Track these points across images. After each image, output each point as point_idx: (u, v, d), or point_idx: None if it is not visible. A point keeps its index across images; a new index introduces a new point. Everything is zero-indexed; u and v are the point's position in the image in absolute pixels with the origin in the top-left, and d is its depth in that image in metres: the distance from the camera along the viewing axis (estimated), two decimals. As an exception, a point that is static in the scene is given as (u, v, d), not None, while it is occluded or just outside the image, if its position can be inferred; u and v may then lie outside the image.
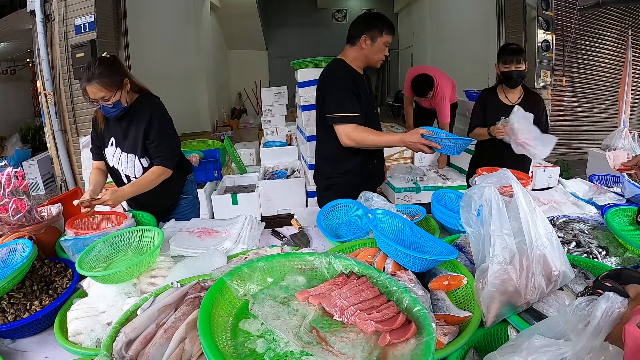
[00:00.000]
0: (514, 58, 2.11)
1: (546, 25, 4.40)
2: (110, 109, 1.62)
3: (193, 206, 2.09)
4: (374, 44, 1.79)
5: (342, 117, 1.75)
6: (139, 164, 1.77)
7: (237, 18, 8.69)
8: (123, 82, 1.64)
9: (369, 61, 1.86)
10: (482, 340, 0.92)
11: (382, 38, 1.78)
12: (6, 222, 1.31)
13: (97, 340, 0.95)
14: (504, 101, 2.24)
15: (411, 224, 1.28)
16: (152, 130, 1.71)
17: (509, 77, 2.16)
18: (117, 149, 1.76)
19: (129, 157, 1.76)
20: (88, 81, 1.56)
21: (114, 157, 1.77)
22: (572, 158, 5.30)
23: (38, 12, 3.45)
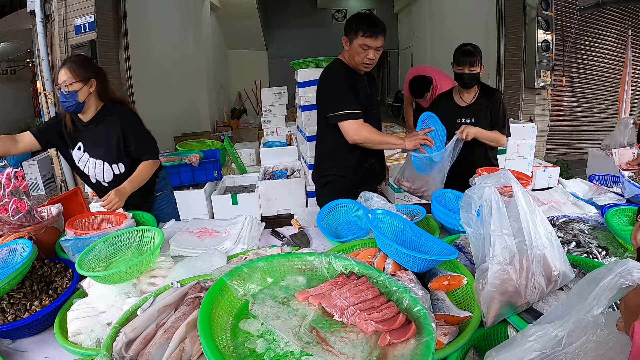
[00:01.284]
0: (467, 60, 2.04)
1: (546, 25, 4.40)
2: (65, 97, 1.63)
3: (169, 202, 2.11)
4: (352, 46, 1.75)
5: (345, 114, 1.75)
6: (109, 170, 1.78)
7: (237, 18, 8.70)
8: (89, 80, 1.67)
9: (353, 64, 1.81)
10: (482, 340, 0.92)
11: (357, 40, 1.71)
12: (6, 222, 1.31)
13: (97, 340, 0.95)
14: (458, 102, 2.19)
15: (411, 224, 1.28)
16: (129, 137, 1.75)
17: (460, 79, 2.10)
18: (84, 154, 1.77)
19: (98, 163, 1.77)
20: (63, 63, 1.64)
21: (81, 161, 1.79)
22: (572, 158, 5.30)
23: (38, 12, 3.45)
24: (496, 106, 2.13)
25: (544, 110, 4.62)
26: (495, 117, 2.12)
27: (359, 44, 1.71)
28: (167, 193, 2.11)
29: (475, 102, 2.16)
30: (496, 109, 2.13)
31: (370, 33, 1.69)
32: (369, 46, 1.71)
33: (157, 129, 5.42)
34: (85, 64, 1.68)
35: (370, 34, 1.69)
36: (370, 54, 1.73)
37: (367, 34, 1.69)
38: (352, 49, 1.75)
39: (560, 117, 5.33)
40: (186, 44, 6.51)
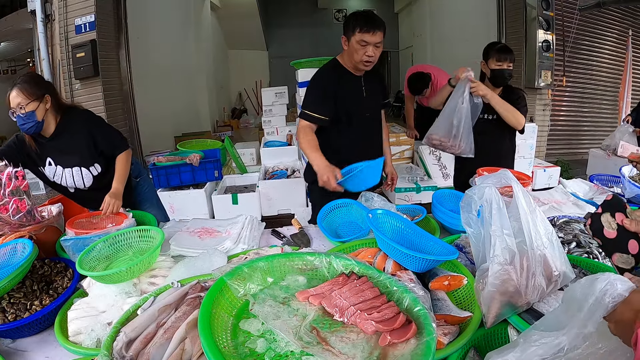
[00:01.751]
0: (507, 56, 2.04)
1: (546, 25, 4.40)
2: (23, 119, 1.57)
3: (149, 185, 2.17)
4: (350, 44, 1.73)
5: (302, 112, 1.80)
6: (88, 174, 1.78)
7: (237, 18, 8.70)
8: (44, 97, 1.62)
9: (353, 63, 1.79)
10: (483, 340, 0.92)
11: (355, 36, 1.69)
12: (6, 221, 1.31)
13: (97, 340, 0.95)
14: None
15: (411, 224, 1.28)
16: (97, 138, 1.76)
17: (500, 75, 2.07)
18: (57, 167, 1.75)
19: (75, 170, 1.76)
20: (12, 87, 1.57)
21: (56, 175, 1.77)
22: (572, 158, 5.30)
23: (38, 12, 3.46)
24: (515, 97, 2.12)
25: (545, 110, 4.62)
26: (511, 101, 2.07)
27: (357, 41, 1.69)
28: (144, 176, 2.15)
29: None
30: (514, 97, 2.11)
31: (368, 28, 1.67)
32: (367, 42, 1.68)
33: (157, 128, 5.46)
34: (37, 81, 1.64)
35: (367, 29, 1.67)
36: (369, 50, 1.70)
37: (365, 29, 1.67)
38: (351, 46, 1.73)
39: (561, 117, 5.33)
40: (186, 44, 6.51)
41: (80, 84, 3.54)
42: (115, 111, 3.74)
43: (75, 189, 1.82)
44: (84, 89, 3.56)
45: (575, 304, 0.67)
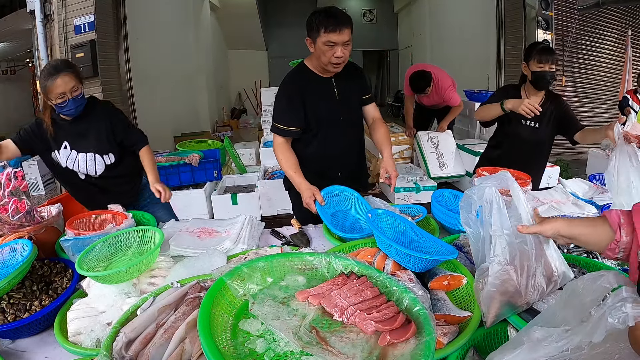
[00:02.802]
0: (549, 58, 1.89)
1: (546, 25, 4.40)
2: (76, 102, 1.65)
3: None
4: (316, 46, 1.58)
5: (274, 126, 1.73)
6: (100, 161, 1.81)
7: (237, 18, 8.70)
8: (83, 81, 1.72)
9: (321, 65, 1.64)
10: (482, 340, 0.92)
11: (320, 38, 1.54)
12: (6, 222, 1.31)
13: (97, 340, 0.95)
14: None
15: (411, 224, 1.28)
16: (117, 128, 1.82)
17: (541, 77, 1.92)
18: (72, 151, 1.78)
19: (88, 156, 1.79)
20: (57, 72, 1.59)
21: (69, 158, 1.79)
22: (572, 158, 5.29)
23: (38, 12, 3.45)
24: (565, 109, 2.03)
25: (544, 110, 4.60)
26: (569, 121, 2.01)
27: (323, 42, 1.54)
28: None
29: (542, 106, 1.97)
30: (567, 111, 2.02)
31: (333, 27, 1.51)
32: (335, 42, 1.53)
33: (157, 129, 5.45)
34: (75, 66, 1.70)
35: (333, 28, 1.51)
36: (338, 51, 1.55)
37: (330, 29, 1.51)
38: (317, 49, 1.58)
39: (560, 117, 5.33)
40: (186, 44, 6.51)
41: (80, 84, 3.54)
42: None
43: (86, 175, 1.83)
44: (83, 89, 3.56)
45: (576, 299, 0.67)
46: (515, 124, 2.05)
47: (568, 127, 2.02)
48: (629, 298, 0.58)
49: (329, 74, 1.71)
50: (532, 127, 2.05)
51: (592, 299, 0.66)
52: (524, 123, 2.05)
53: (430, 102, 3.92)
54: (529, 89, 2.04)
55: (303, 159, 1.72)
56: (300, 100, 1.68)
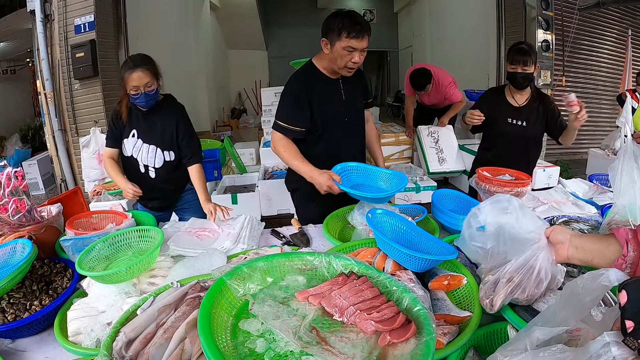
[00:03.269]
0: (521, 59, 1.94)
1: (546, 25, 4.40)
2: (150, 96, 1.77)
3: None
4: (333, 49, 1.58)
5: (277, 124, 1.70)
6: (160, 155, 1.90)
7: (237, 18, 8.69)
8: (159, 77, 1.84)
9: (333, 68, 1.65)
10: (482, 340, 0.92)
11: (340, 42, 1.54)
12: (6, 222, 1.31)
13: (97, 340, 0.95)
14: (510, 102, 2.10)
15: (411, 224, 1.28)
16: (180, 129, 1.91)
17: (513, 78, 2.01)
18: (138, 140, 1.88)
19: (151, 148, 1.89)
20: (134, 67, 1.72)
21: (135, 147, 1.89)
22: (572, 158, 5.30)
23: (38, 11, 3.45)
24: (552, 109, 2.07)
25: (544, 110, 4.61)
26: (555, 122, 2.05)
27: (343, 47, 1.55)
28: None
29: (528, 104, 2.06)
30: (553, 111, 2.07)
31: (356, 33, 1.51)
32: (355, 48, 1.55)
33: (157, 128, 5.26)
34: (154, 62, 1.82)
35: (355, 34, 1.51)
36: (355, 57, 1.57)
37: (353, 35, 1.52)
38: (335, 52, 1.58)
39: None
40: (186, 44, 6.51)
41: (80, 84, 3.54)
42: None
43: (145, 168, 1.92)
44: (83, 89, 3.56)
45: (575, 299, 0.67)
46: (502, 124, 2.08)
47: (554, 127, 2.07)
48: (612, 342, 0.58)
49: (337, 76, 1.72)
50: (519, 125, 2.08)
51: (592, 299, 0.66)
52: (510, 122, 2.08)
53: (431, 101, 3.92)
54: (512, 89, 2.09)
55: (307, 159, 1.71)
56: (307, 101, 1.67)
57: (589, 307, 0.66)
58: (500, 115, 2.07)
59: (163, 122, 1.88)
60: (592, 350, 0.59)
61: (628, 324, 0.56)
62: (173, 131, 1.89)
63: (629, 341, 0.56)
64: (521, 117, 2.06)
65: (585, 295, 0.66)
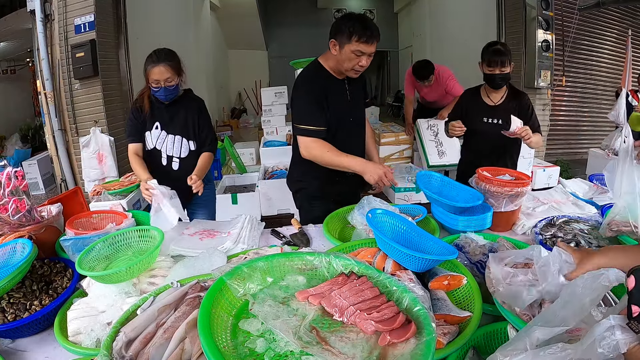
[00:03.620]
0: (498, 60, 1.96)
1: (546, 25, 4.40)
2: (170, 90, 1.85)
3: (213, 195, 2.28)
4: (342, 51, 1.58)
5: (304, 129, 1.66)
6: (186, 144, 1.97)
7: (237, 18, 8.69)
8: (181, 72, 1.91)
9: (339, 69, 1.66)
10: (482, 340, 0.92)
11: (350, 45, 1.55)
12: (6, 221, 1.31)
13: (97, 340, 0.95)
14: (486, 102, 2.13)
15: (411, 224, 1.28)
16: (202, 119, 2.00)
17: (491, 80, 2.03)
18: (162, 132, 1.94)
19: (176, 138, 1.95)
20: (157, 62, 1.80)
21: (159, 138, 1.95)
22: (572, 158, 5.30)
23: (38, 11, 3.44)
24: (526, 108, 2.10)
25: (544, 110, 4.61)
26: (527, 118, 2.08)
27: (352, 50, 1.56)
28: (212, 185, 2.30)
29: (503, 103, 2.11)
30: (526, 111, 2.10)
31: (366, 38, 1.54)
32: (363, 52, 1.57)
33: (157, 128, 5.25)
34: (177, 58, 1.90)
35: (366, 39, 1.54)
36: (363, 61, 1.60)
37: (363, 40, 1.54)
38: (343, 54, 1.59)
39: (561, 117, 5.34)
40: (186, 44, 6.50)
41: (80, 83, 3.53)
42: (114, 111, 3.73)
43: (169, 159, 1.97)
44: (83, 89, 3.56)
45: (575, 299, 0.67)
46: (478, 123, 2.11)
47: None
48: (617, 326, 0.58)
49: (342, 76, 1.74)
50: (494, 123, 2.11)
51: (592, 299, 0.66)
52: (485, 121, 2.11)
53: (432, 96, 3.93)
54: (488, 88, 2.12)
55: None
56: (324, 99, 1.68)
57: (589, 307, 0.66)
58: (477, 115, 2.12)
59: (185, 113, 1.95)
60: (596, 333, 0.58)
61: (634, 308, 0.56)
62: (195, 121, 1.96)
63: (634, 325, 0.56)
64: (496, 115, 2.10)
65: (585, 295, 0.66)
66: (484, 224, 1.45)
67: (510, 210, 1.52)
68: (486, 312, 0.97)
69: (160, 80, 1.80)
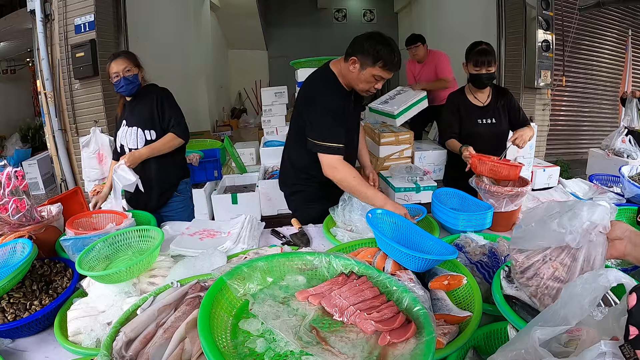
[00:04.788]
0: (485, 60, 1.98)
1: (546, 25, 4.40)
2: (129, 80, 1.91)
3: (186, 207, 2.21)
4: (362, 72, 1.55)
5: (328, 147, 1.58)
6: (142, 135, 1.96)
7: (237, 18, 8.69)
8: (140, 66, 1.99)
9: (351, 85, 1.63)
10: (482, 340, 0.92)
11: (373, 69, 1.52)
12: (6, 221, 1.31)
13: (97, 340, 0.95)
14: (474, 102, 2.15)
15: (411, 224, 1.28)
16: (165, 106, 1.98)
17: (478, 80, 2.05)
18: (125, 127, 1.99)
19: (132, 130, 1.97)
20: (114, 57, 1.93)
21: (122, 134, 2.00)
22: (572, 158, 5.30)
23: (38, 11, 3.44)
24: (513, 104, 2.14)
25: (544, 110, 4.61)
26: (516, 116, 2.13)
27: (373, 74, 1.53)
28: (186, 198, 2.23)
29: (491, 102, 2.14)
30: (514, 107, 2.14)
31: (392, 66, 1.52)
32: (383, 78, 1.56)
33: (157, 128, 5.26)
34: (133, 54, 2.00)
35: (390, 67, 1.52)
36: (379, 84, 1.59)
37: (388, 68, 1.52)
38: (362, 75, 1.55)
39: (561, 117, 5.34)
40: (186, 44, 6.50)
41: (80, 83, 3.53)
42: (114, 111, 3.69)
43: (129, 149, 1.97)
44: (83, 89, 3.56)
45: (575, 299, 0.66)
46: (473, 124, 2.13)
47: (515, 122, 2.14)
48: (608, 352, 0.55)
49: (350, 87, 1.68)
50: (489, 123, 2.14)
51: (590, 300, 0.66)
52: (480, 122, 2.13)
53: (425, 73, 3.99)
54: (473, 88, 2.15)
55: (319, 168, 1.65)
56: (343, 114, 1.64)
57: (588, 308, 0.66)
58: (471, 117, 2.13)
59: (145, 105, 1.97)
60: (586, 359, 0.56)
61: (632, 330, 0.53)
62: (154, 109, 1.96)
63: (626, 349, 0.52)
64: (489, 115, 2.13)
65: (584, 295, 0.66)
66: (484, 223, 1.46)
67: (510, 210, 1.52)
68: (486, 312, 0.97)
69: (119, 72, 1.88)
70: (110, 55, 1.98)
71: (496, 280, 1.03)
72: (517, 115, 2.14)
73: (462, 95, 2.20)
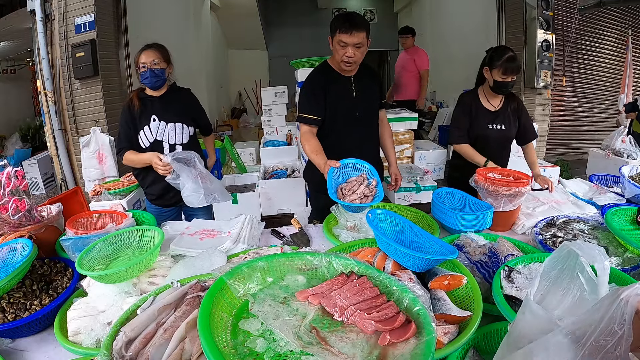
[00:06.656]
0: (514, 67, 1.92)
1: (546, 25, 4.40)
2: (156, 73, 1.89)
3: None
4: (332, 45, 1.77)
5: (301, 116, 1.84)
6: (187, 130, 2.02)
7: (237, 18, 8.69)
8: (170, 62, 1.99)
9: (336, 64, 1.83)
10: (482, 340, 0.92)
11: (335, 37, 1.73)
12: (6, 221, 1.31)
13: (97, 340, 0.95)
14: (487, 107, 2.12)
15: (411, 224, 1.28)
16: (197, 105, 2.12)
17: (504, 87, 1.99)
18: (160, 122, 1.96)
19: (177, 125, 1.99)
20: (146, 48, 1.93)
21: (159, 129, 1.96)
22: (572, 158, 5.30)
23: (38, 11, 3.44)
24: (523, 112, 2.13)
25: (544, 110, 4.61)
26: (525, 126, 2.12)
27: (337, 41, 1.72)
28: None
29: (502, 107, 2.11)
30: (524, 115, 2.13)
31: (346, 29, 1.67)
32: (346, 43, 1.70)
33: (157, 128, 5.25)
34: (165, 48, 2.00)
35: (345, 29, 1.68)
36: (349, 51, 1.71)
37: (343, 30, 1.68)
38: (333, 47, 1.77)
39: (561, 117, 5.33)
40: (186, 44, 6.50)
41: (80, 83, 3.53)
42: (114, 111, 3.73)
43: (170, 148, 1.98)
44: (83, 89, 3.56)
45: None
46: (483, 128, 2.11)
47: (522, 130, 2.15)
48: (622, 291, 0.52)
49: (347, 73, 1.85)
50: (499, 129, 2.11)
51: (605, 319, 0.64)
52: (490, 127, 2.11)
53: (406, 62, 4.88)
54: (488, 92, 2.11)
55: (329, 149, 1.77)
56: (322, 92, 1.81)
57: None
58: (482, 121, 2.11)
59: (182, 102, 2.02)
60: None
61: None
62: (190, 109, 2.05)
63: None
64: (499, 120, 2.10)
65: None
66: (484, 223, 1.46)
67: (508, 210, 1.52)
68: (486, 312, 0.97)
69: (147, 63, 1.87)
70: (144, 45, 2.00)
71: (496, 280, 1.03)
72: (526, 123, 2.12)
73: (476, 97, 2.15)
